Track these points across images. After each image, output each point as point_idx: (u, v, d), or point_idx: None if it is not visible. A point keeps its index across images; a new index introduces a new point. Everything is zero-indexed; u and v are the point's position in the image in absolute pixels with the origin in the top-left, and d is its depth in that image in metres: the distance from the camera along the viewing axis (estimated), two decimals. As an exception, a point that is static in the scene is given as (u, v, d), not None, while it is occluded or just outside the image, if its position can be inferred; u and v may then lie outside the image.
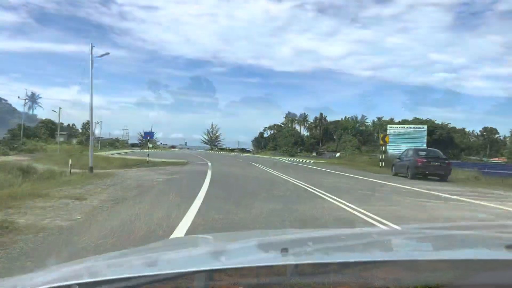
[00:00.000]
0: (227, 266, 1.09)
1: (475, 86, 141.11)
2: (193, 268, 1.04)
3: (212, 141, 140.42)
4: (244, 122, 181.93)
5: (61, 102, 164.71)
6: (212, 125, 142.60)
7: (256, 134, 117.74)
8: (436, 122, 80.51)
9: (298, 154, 74.49)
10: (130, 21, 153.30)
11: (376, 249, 1.57)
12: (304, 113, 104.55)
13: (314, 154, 78.01)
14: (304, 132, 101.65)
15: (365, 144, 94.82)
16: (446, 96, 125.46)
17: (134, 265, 1.25)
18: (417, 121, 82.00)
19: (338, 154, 67.49)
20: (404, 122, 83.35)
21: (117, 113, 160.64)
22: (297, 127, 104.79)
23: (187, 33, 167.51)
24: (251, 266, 1.06)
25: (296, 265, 1.06)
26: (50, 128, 64.92)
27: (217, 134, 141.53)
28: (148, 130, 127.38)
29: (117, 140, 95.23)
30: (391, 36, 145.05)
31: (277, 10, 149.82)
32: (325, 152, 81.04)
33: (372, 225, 6.18)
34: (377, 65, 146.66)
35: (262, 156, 69.05)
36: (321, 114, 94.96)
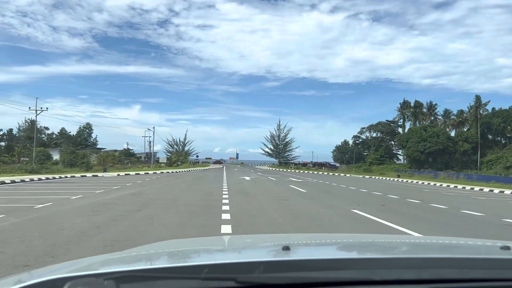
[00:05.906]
0: (227, 261, 1.18)
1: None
2: (201, 262, 1.18)
3: (279, 152, 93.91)
4: (300, 136, 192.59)
5: (121, 120, 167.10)
6: (279, 124, 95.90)
7: (318, 148, 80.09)
8: None
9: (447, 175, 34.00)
10: (186, 40, 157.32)
11: (381, 249, 1.67)
12: (431, 102, 63.37)
13: (506, 174, 36.60)
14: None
15: None
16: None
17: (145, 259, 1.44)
18: None
19: None
20: None
21: (175, 129, 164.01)
22: (417, 123, 63.73)
23: (241, 49, 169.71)
24: (254, 261, 1.14)
25: (297, 261, 1.19)
26: None
27: (287, 140, 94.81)
28: (195, 143, 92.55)
29: (116, 151, 60.51)
30: (452, 42, 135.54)
31: (330, 22, 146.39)
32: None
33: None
34: (438, 73, 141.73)
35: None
36: (478, 98, 52.58)
